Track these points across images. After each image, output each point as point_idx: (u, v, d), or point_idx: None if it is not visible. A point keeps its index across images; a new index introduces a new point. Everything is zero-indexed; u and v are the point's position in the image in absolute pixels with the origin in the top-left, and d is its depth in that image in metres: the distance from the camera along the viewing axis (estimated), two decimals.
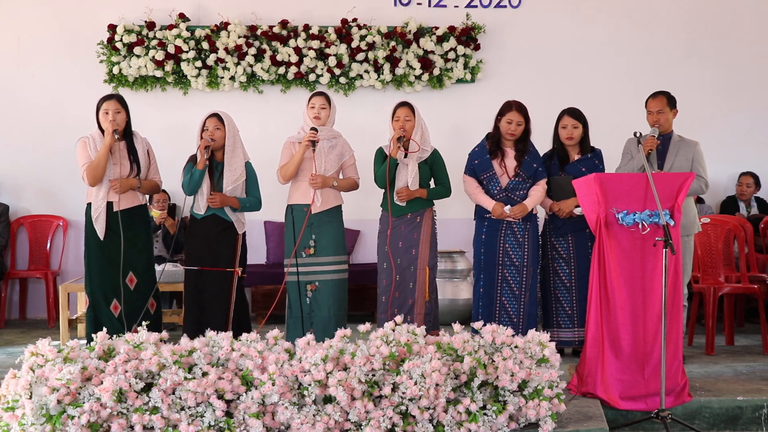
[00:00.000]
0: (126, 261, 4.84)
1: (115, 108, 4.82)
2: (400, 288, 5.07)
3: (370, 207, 5.31)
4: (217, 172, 4.95)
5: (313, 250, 5.04)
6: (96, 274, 4.86)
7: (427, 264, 5.09)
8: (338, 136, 5.16)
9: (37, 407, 3.35)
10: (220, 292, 4.91)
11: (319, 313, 5.01)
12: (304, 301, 5.01)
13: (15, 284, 7.04)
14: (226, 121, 4.93)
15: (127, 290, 4.86)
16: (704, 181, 5.02)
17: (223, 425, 3.45)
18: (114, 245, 4.83)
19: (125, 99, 4.94)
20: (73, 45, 7.01)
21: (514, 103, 5.07)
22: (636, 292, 4.17)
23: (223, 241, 4.95)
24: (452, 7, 7.10)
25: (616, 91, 7.03)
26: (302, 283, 5.02)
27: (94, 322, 4.81)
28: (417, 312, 5.05)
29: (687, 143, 5.05)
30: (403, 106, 5.10)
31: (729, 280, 5.74)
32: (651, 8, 7.15)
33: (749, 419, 4.26)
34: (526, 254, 5.06)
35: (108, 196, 4.82)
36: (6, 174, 7.05)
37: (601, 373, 4.17)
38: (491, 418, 3.59)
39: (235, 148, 4.94)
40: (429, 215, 5.15)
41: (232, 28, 6.92)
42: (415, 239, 5.08)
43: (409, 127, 5.06)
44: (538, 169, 5.08)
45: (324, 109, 5.08)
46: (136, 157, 4.89)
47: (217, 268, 4.92)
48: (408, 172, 5.04)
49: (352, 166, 5.20)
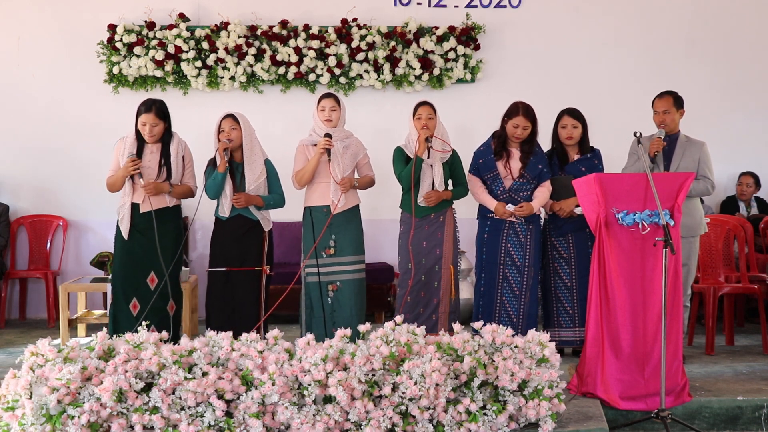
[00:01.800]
0: (149, 261, 4.85)
1: (153, 122, 4.81)
2: (425, 288, 5.08)
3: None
4: (238, 173, 4.96)
5: (334, 251, 5.05)
6: (119, 272, 4.88)
7: (451, 262, 5.11)
8: (350, 136, 5.18)
9: (37, 407, 3.35)
10: (250, 291, 4.93)
11: (341, 312, 5.03)
12: (325, 301, 5.03)
13: (15, 284, 7.04)
14: (241, 120, 4.94)
15: (147, 290, 4.86)
16: (711, 183, 5.00)
17: (223, 425, 3.46)
18: (139, 245, 4.84)
19: (164, 103, 4.91)
20: (73, 45, 7.01)
21: (522, 106, 5.05)
22: (636, 292, 4.17)
23: (250, 241, 4.96)
24: (452, 7, 7.09)
25: (617, 91, 7.03)
26: (323, 284, 5.03)
27: (114, 320, 4.85)
28: (442, 311, 5.07)
29: (694, 144, 5.04)
30: (424, 105, 5.10)
31: (729, 280, 5.74)
32: (651, 8, 7.15)
33: (749, 419, 4.26)
34: (528, 254, 5.06)
35: (134, 198, 4.84)
36: (6, 174, 7.04)
37: (601, 373, 4.18)
38: (491, 418, 3.60)
39: (253, 146, 4.96)
40: (450, 214, 5.18)
41: (232, 28, 6.92)
42: (439, 239, 5.09)
43: (431, 126, 5.05)
44: (543, 170, 5.08)
45: (334, 110, 5.09)
46: (168, 161, 4.89)
47: (246, 268, 4.93)
48: (434, 173, 5.04)
49: (366, 164, 5.21)
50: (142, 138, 4.86)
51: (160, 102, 4.90)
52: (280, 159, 5.20)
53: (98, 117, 6.84)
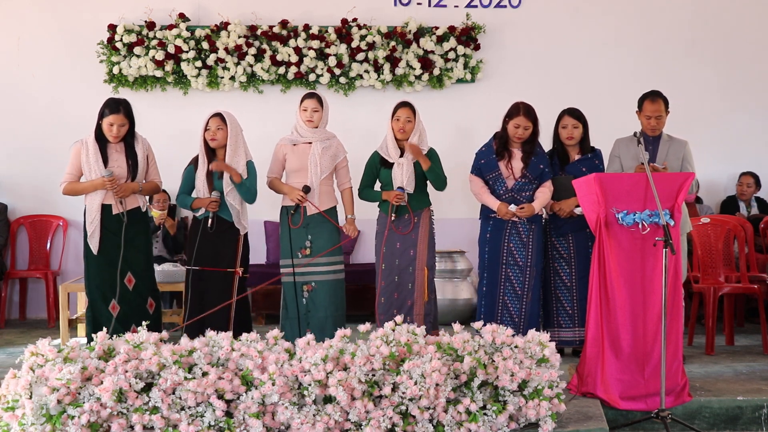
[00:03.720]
0: (124, 262, 4.84)
1: (121, 122, 4.79)
2: (399, 289, 5.07)
3: (369, 207, 5.31)
4: (217, 172, 4.95)
5: (309, 251, 5.04)
6: (94, 274, 4.87)
7: (426, 264, 5.08)
8: (332, 137, 5.13)
9: (37, 407, 3.35)
10: (221, 292, 4.90)
11: (316, 313, 5.01)
12: (300, 301, 5.01)
13: (15, 284, 7.04)
14: (228, 120, 4.92)
15: (126, 291, 4.86)
16: (695, 181, 5.01)
17: (223, 425, 3.45)
18: (112, 246, 4.83)
19: (130, 103, 4.88)
20: (73, 45, 7.01)
21: (522, 106, 5.04)
22: (636, 292, 4.17)
23: (224, 242, 4.94)
24: (452, 7, 7.10)
25: (617, 91, 7.02)
26: (298, 284, 5.02)
27: (94, 322, 4.82)
28: (416, 313, 5.05)
29: (676, 142, 5.04)
30: (404, 107, 5.10)
31: (729, 280, 5.74)
32: (651, 8, 7.15)
33: (749, 419, 4.25)
34: (530, 254, 5.06)
35: (105, 199, 4.82)
36: (6, 174, 7.05)
37: (601, 373, 4.17)
38: (491, 418, 3.59)
39: (237, 147, 4.94)
40: (427, 215, 5.15)
41: (232, 28, 6.92)
42: (413, 240, 5.08)
43: (408, 129, 5.06)
44: (545, 170, 5.08)
45: (316, 111, 5.05)
46: (135, 161, 4.88)
47: (218, 269, 4.92)
48: (403, 172, 5.03)
49: (344, 168, 5.18)
50: (103, 139, 4.82)
51: (125, 101, 4.86)
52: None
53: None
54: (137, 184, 4.88)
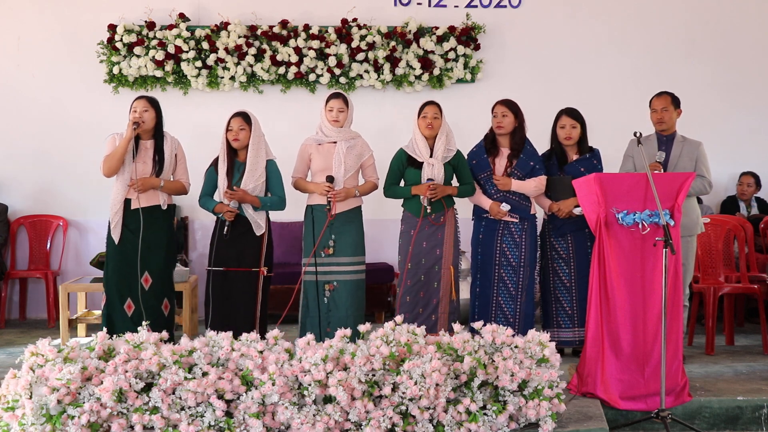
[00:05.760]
0: (142, 261, 4.85)
1: (143, 106, 4.86)
2: (425, 287, 5.07)
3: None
4: (239, 172, 4.93)
5: (333, 250, 5.05)
6: (112, 272, 4.88)
7: (451, 263, 5.10)
8: (357, 137, 5.16)
9: (37, 407, 3.35)
10: (246, 292, 4.91)
11: (337, 312, 5.03)
12: (321, 300, 5.03)
13: (15, 284, 7.04)
14: (252, 120, 4.93)
15: (142, 290, 4.85)
16: (708, 181, 5.03)
17: (223, 425, 3.46)
18: (131, 244, 4.84)
19: (157, 100, 4.98)
20: (73, 45, 7.01)
21: (501, 99, 5.13)
22: (636, 292, 4.17)
23: (247, 241, 4.94)
24: (452, 7, 7.09)
25: (617, 91, 7.03)
26: (320, 283, 5.03)
27: (108, 321, 4.85)
28: (442, 311, 5.06)
29: (690, 143, 5.06)
30: (431, 104, 5.09)
31: (729, 280, 5.74)
32: (651, 8, 7.15)
33: (749, 419, 4.26)
34: (523, 254, 5.06)
35: (127, 194, 4.84)
36: (6, 174, 7.04)
37: (601, 373, 4.18)
38: (491, 418, 3.60)
39: (259, 149, 4.93)
40: (452, 215, 5.16)
41: (232, 28, 6.92)
42: (439, 239, 5.08)
43: (436, 126, 5.04)
44: (535, 167, 5.09)
45: (342, 111, 5.07)
46: (161, 158, 4.90)
47: (242, 269, 4.92)
48: (434, 172, 5.03)
49: (371, 166, 5.20)
50: (136, 136, 4.87)
51: (152, 96, 5.00)
52: (280, 159, 5.20)
53: (98, 117, 6.82)
54: (157, 179, 4.88)
